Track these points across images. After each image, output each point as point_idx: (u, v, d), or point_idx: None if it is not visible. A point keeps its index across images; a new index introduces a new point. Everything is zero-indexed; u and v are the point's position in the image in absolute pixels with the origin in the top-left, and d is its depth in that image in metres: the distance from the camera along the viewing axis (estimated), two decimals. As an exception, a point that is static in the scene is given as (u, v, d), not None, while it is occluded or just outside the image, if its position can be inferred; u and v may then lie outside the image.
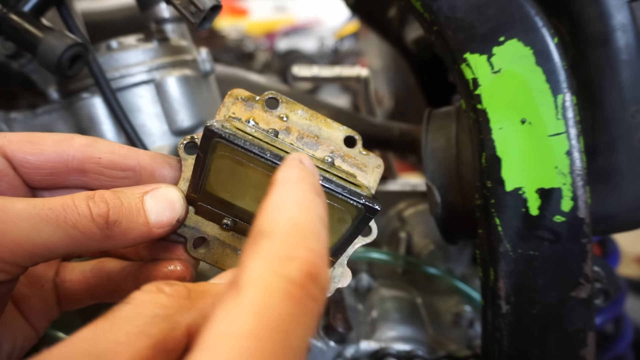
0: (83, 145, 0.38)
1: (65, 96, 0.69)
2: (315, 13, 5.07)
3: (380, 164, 0.42)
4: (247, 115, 0.41)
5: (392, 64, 2.04)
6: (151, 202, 0.36)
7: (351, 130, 0.42)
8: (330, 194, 0.35)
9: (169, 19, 0.76)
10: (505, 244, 0.49)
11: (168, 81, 0.71)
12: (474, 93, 0.48)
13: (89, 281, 0.42)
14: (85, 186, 0.40)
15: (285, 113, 0.41)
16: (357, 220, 0.37)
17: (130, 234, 0.35)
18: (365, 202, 0.35)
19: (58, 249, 0.33)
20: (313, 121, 0.42)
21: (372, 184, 0.42)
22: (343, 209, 0.36)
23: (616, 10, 0.46)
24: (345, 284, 0.42)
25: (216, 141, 0.33)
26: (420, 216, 0.98)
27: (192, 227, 0.40)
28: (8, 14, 0.56)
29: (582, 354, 0.50)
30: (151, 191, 0.37)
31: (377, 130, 1.02)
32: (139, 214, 0.35)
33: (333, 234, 0.38)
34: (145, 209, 0.36)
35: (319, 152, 0.42)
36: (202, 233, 0.40)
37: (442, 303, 0.89)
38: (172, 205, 0.37)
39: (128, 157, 0.39)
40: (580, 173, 0.47)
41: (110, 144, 0.40)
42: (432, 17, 0.48)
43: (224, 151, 0.34)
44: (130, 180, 0.40)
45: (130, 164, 0.39)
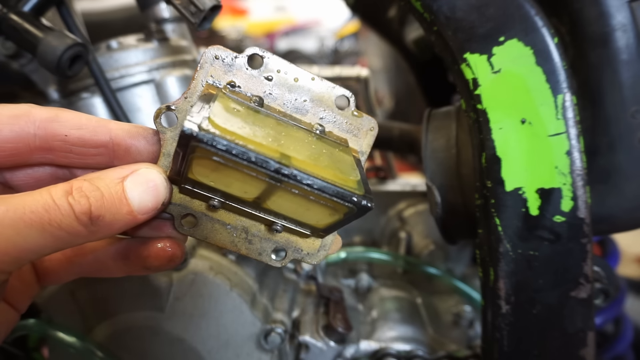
0: (44, 121, 0.35)
1: (65, 96, 0.69)
2: (315, 13, 5.07)
3: (374, 126, 0.40)
4: (228, 78, 0.38)
5: (392, 64, 2.04)
6: (132, 187, 0.34)
7: (343, 89, 0.39)
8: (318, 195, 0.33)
9: (169, 19, 0.76)
10: (505, 244, 0.49)
11: (168, 81, 0.71)
12: (474, 93, 0.48)
13: (70, 259, 0.41)
14: (51, 163, 0.37)
15: (270, 73, 0.38)
16: (350, 215, 0.35)
17: (115, 225, 0.33)
18: (357, 202, 0.33)
19: (44, 250, 0.32)
20: (302, 80, 0.39)
21: (365, 148, 0.41)
22: (334, 207, 0.34)
23: (616, 10, 0.46)
24: (335, 250, 0.41)
25: (194, 145, 0.31)
26: (420, 216, 0.98)
27: (177, 204, 0.38)
28: (8, 14, 0.56)
29: (582, 354, 0.50)
30: (131, 175, 0.34)
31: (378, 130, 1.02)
32: (122, 204, 0.33)
33: (324, 220, 0.37)
34: (127, 196, 0.34)
35: (308, 117, 0.39)
36: (189, 210, 0.38)
37: (442, 303, 0.89)
38: (155, 189, 0.35)
39: (98, 132, 0.36)
40: (580, 173, 0.47)
41: (76, 116, 0.36)
42: (432, 17, 0.48)
43: (203, 153, 0.32)
44: (103, 157, 0.37)
45: (101, 140, 0.36)
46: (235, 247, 0.40)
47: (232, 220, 0.39)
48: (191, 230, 0.39)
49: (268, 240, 0.40)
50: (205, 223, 0.39)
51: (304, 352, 0.72)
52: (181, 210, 0.38)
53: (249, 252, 0.40)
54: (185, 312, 0.68)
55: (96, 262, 0.40)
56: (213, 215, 0.39)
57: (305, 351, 0.72)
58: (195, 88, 0.37)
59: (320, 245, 0.41)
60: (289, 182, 0.32)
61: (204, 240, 0.39)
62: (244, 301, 0.69)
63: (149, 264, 0.38)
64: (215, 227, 0.39)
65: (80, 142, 0.36)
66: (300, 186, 0.32)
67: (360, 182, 0.35)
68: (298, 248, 0.41)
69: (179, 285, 0.67)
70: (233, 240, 0.40)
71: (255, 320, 0.69)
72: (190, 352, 0.69)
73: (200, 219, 0.39)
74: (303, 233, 0.39)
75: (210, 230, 0.39)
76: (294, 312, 0.78)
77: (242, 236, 0.40)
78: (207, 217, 0.39)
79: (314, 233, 0.39)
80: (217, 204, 0.37)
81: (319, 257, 0.41)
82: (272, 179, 0.32)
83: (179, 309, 0.68)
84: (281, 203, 0.36)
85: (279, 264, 0.40)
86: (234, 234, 0.39)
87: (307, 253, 0.41)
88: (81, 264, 0.41)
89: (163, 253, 0.38)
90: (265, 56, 0.38)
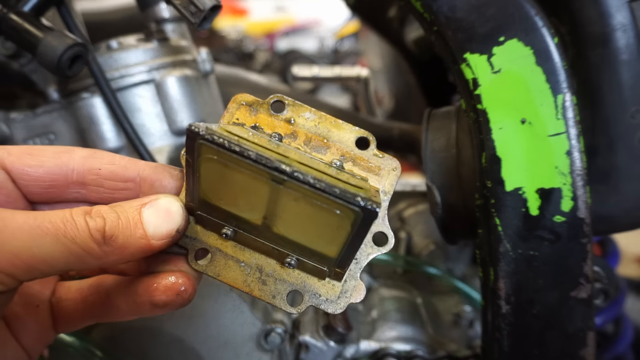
0: (83, 157, 0.38)
1: (65, 96, 0.69)
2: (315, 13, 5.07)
3: (397, 167, 0.39)
4: (252, 121, 0.39)
5: (392, 64, 2.04)
6: (149, 213, 0.35)
7: (364, 131, 0.39)
8: (321, 197, 0.31)
9: (169, 19, 0.76)
10: (505, 244, 0.49)
11: (168, 81, 0.71)
12: (474, 93, 0.48)
13: (86, 299, 0.41)
14: (84, 200, 0.39)
15: (291, 116, 0.39)
16: (357, 226, 0.32)
17: (129, 248, 0.34)
18: (362, 204, 0.30)
19: (57, 263, 0.32)
20: (322, 123, 0.39)
21: (388, 187, 0.39)
22: (339, 213, 0.32)
23: (616, 10, 0.46)
24: (359, 299, 0.39)
25: (200, 143, 0.32)
26: (420, 216, 0.98)
27: (193, 238, 0.38)
28: (8, 14, 0.56)
29: (582, 354, 0.50)
30: (149, 202, 0.35)
31: (377, 130, 1.02)
32: (137, 227, 0.34)
33: (333, 243, 0.35)
34: (143, 221, 0.34)
35: (327, 155, 0.39)
36: (204, 244, 0.38)
37: (442, 303, 0.89)
38: (170, 215, 0.36)
39: (128, 168, 0.38)
40: (580, 173, 0.47)
41: (110, 155, 0.39)
42: (432, 17, 0.48)
43: (209, 154, 0.32)
44: (131, 192, 0.39)
45: (130, 175, 0.38)
46: (248, 288, 0.38)
47: (245, 257, 0.39)
48: (204, 266, 0.38)
49: (283, 282, 0.38)
50: (218, 259, 0.39)
51: (304, 352, 0.72)
52: (195, 245, 0.38)
53: (262, 294, 0.38)
54: (184, 312, 0.68)
55: (109, 301, 0.40)
56: (227, 251, 0.39)
57: (305, 351, 0.72)
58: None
59: (341, 291, 0.38)
60: (291, 182, 0.31)
61: (216, 278, 0.39)
62: (244, 301, 0.69)
63: (157, 297, 0.38)
64: (228, 263, 0.39)
65: (111, 176, 0.38)
66: (302, 186, 0.31)
67: (369, 189, 0.34)
68: (316, 293, 0.38)
69: (179, 285, 0.67)
70: (246, 280, 0.38)
71: (255, 320, 0.69)
72: (189, 352, 0.69)
73: (214, 254, 0.39)
74: (318, 269, 0.37)
75: (224, 267, 0.39)
76: (294, 312, 0.78)
77: (255, 275, 0.38)
78: (221, 253, 0.39)
79: (330, 269, 0.37)
80: (230, 233, 0.37)
81: (339, 305, 0.38)
82: (274, 179, 0.32)
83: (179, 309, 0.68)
84: (288, 220, 0.35)
85: (295, 310, 0.38)
86: (247, 272, 0.39)
87: (325, 299, 0.38)
88: (95, 305, 0.40)
89: (172, 286, 0.37)
90: (287, 102, 0.39)
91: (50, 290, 0.41)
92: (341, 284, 0.38)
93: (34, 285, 0.40)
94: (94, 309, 0.41)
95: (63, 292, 0.41)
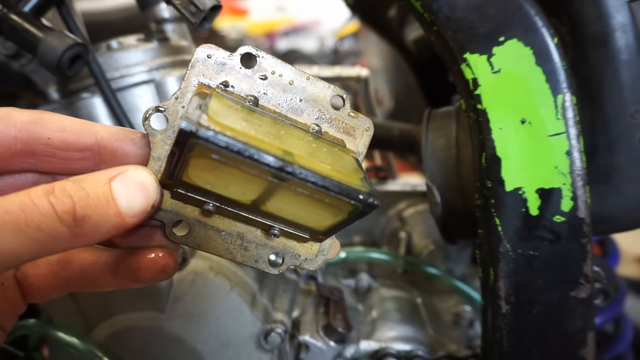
0: (26, 123, 0.33)
1: (65, 96, 0.69)
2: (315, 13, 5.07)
3: (370, 126, 0.40)
4: (221, 78, 0.36)
5: (392, 64, 2.04)
6: (120, 188, 0.31)
7: (338, 89, 0.39)
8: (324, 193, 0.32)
9: (169, 19, 0.76)
10: (505, 244, 0.49)
11: (168, 81, 0.71)
12: (474, 93, 0.48)
13: (57, 274, 0.38)
14: (34, 169, 0.35)
15: (264, 72, 0.37)
16: (354, 215, 0.34)
17: (102, 228, 0.31)
18: (364, 200, 0.32)
19: (22, 256, 0.29)
20: (297, 79, 0.38)
21: (362, 148, 0.40)
22: (340, 206, 0.34)
23: (616, 10, 0.46)
24: (334, 256, 0.40)
25: (193, 142, 0.29)
26: (420, 216, 0.98)
27: (169, 210, 0.36)
28: (8, 14, 0.56)
29: (582, 354, 0.50)
30: (118, 175, 0.32)
31: (377, 130, 1.02)
32: (109, 204, 0.31)
33: (325, 221, 0.36)
34: (115, 197, 0.31)
35: (304, 117, 0.38)
36: (181, 216, 0.36)
37: (442, 303, 0.89)
38: (144, 189, 0.32)
39: (83, 135, 0.34)
40: (580, 173, 0.47)
41: (59, 118, 0.34)
42: (432, 17, 0.48)
43: (202, 151, 0.30)
44: (89, 161, 0.35)
45: (86, 143, 0.34)
46: (231, 255, 0.38)
47: (226, 226, 0.38)
48: (183, 238, 0.37)
49: (264, 247, 0.39)
50: (198, 230, 0.37)
51: (304, 352, 0.72)
52: (172, 217, 0.36)
53: (245, 259, 0.38)
54: (185, 312, 0.68)
55: (84, 276, 0.38)
56: (206, 222, 0.37)
57: (305, 351, 0.72)
58: (187, 88, 0.36)
59: (319, 250, 0.40)
60: (293, 180, 0.31)
61: (197, 248, 0.38)
62: (244, 301, 0.69)
63: (140, 276, 0.36)
64: (208, 234, 0.37)
65: (64, 146, 0.34)
66: (304, 184, 0.31)
67: (365, 180, 0.34)
68: (296, 254, 0.39)
69: (179, 285, 0.67)
70: (228, 248, 0.38)
71: (255, 320, 0.69)
72: (190, 352, 0.69)
73: (193, 225, 0.37)
74: (301, 237, 0.38)
75: (204, 238, 0.37)
76: (294, 312, 0.78)
77: (237, 243, 0.38)
78: (201, 224, 0.37)
79: (313, 236, 0.38)
80: (212, 208, 0.35)
81: (317, 262, 0.40)
82: (276, 177, 0.31)
83: (179, 309, 0.68)
84: (281, 205, 0.35)
85: (276, 271, 0.39)
86: (229, 241, 0.38)
87: (305, 259, 0.40)
88: (68, 279, 0.38)
89: (154, 264, 0.36)
90: (259, 55, 0.37)
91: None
92: (318, 244, 0.40)
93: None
94: (68, 282, 0.38)
95: (29, 269, 0.38)
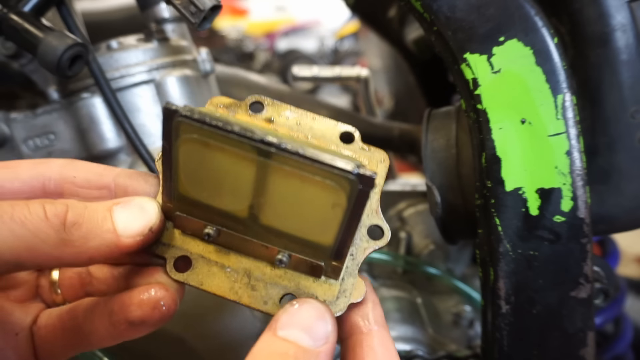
0: (60, 166, 0.36)
1: (65, 96, 0.69)
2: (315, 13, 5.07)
3: (385, 158, 0.38)
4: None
5: (392, 64, 2.04)
6: (120, 209, 0.32)
7: (347, 126, 0.37)
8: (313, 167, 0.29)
9: (169, 19, 0.76)
10: (505, 244, 0.49)
11: (168, 81, 0.71)
12: (474, 93, 0.48)
13: (65, 326, 0.38)
14: None
15: (271, 115, 0.37)
16: (354, 198, 0.29)
17: (93, 241, 0.30)
18: (356, 171, 0.28)
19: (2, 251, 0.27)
20: (303, 121, 0.37)
21: (379, 180, 0.37)
22: (334, 186, 0.29)
23: (616, 10, 0.46)
24: (360, 298, 0.35)
25: (178, 121, 0.29)
26: (420, 216, 0.98)
27: (171, 245, 0.35)
28: (8, 14, 0.56)
29: (582, 354, 0.50)
30: (122, 202, 0.33)
31: (377, 130, 1.02)
32: (105, 220, 0.31)
33: (328, 227, 0.32)
34: (112, 215, 0.31)
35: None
36: (184, 251, 0.35)
37: (442, 303, 0.89)
38: (143, 211, 0.32)
39: (103, 175, 0.37)
40: (580, 173, 0.47)
41: (87, 163, 0.37)
42: (432, 17, 0.48)
43: (188, 133, 0.29)
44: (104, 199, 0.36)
45: (105, 182, 0.37)
46: (236, 295, 0.35)
47: (232, 262, 0.35)
48: (184, 275, 0.35)
49: (274, 286, 0.35)
50: (201, 266, 0.35)
51: (304, 352, 0.72)
52: (175, 252, 0.35)
53: (252, 300, 0.35)
54: (185, 312, 0.68)
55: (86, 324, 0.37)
56: (210, 257, 0.35)
57: (305, 351, 0.72)
58: None
59: (339, 290, 0.35)
60: (280, 155, 0.29)
61: (199, 287, 0.35)
62: (244, 301, 0.69)
63: (131, 313, 0.34)
64: (212, 270, 0.35)
65: (86, 184, 0.36)
66: (291, 158, 0.29)
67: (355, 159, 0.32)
68: (312, 294, 0.35)
69: (179, 285, 0.67)
70: (233, 287, 0.35)
71: (255, 320, 0.69)
72: (190, 352, 0.69)
73: (195, 261, 0.35)
74: (313, 265, 0.34)
75: (207, 275, 0.35)
76: (294, 312, 0.77)
77: (243, 281, 0.35)
78: (204, 260, 0.35)
79: (326, 262, 0.34)
80: (213, 233, 0.34)
81: (339, 306, 0.35)
82: (261, 153, 0.29)
83: (179, 308, 0.68)
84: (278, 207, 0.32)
85: None
86: (234, 278, 0.35)
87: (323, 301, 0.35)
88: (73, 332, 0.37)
89: (147, 299, 0.34)
90: (266, 102, 0.38)
91: (32, 317, 0.38)
92: (339, 283, 0.35)
93: (14, 312, 0.37)
94: (73, 336, 0.37)
95: (44, 319, 0.38)
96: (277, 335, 0.30)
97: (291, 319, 0.31)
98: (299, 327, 0.31)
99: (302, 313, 0.31)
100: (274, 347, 0.30)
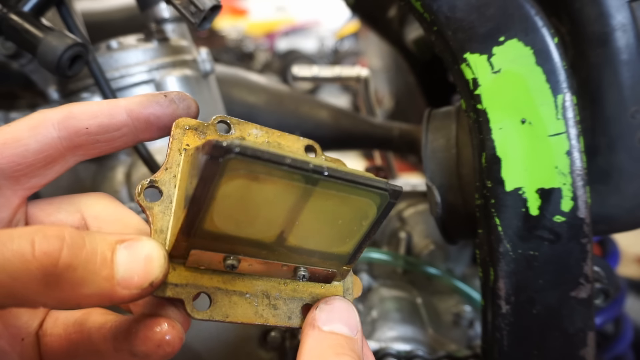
0: (61, 122, 0.33)
1: (65, 96, 0.69)
2: (315, 13, 5.07)
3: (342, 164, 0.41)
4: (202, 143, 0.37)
5: (392, 64, 2.04)
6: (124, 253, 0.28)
7: (308, 140, 0.41)
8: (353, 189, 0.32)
9: (169, 19, 0.76)
10: (505, 244, 0.49)
11: (168, 81, 0.71)
12: (474, 93, 0.48)
13: (70, 337, 0.36)
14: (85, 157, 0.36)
15: (240, 134, 0.38)
16: (381, 210, 0.34)
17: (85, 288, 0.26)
18: (388, 187, 0.33)
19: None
20: (271, 137, 0.39)
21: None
22: (368, 202, 0.34)
23: (616, 10, 0.46)
24: (359, 294, 0.40)
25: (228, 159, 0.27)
26: (420, 216, 0.98)
27: (185, 284, 0.33)
28: (8, 14, 0.56)
29: (582, 354, 0.50)
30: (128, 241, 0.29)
31: (377, 130, 1.02)
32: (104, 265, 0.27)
33: (354, 237, 0.35)
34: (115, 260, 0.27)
35: None
36: (200, 287, 0.34)
37: (442, 303, 0.89)
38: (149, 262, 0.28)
39: (114, 114, 0.34)
40: (580, 173, 0.47)
41: (87, 107, 0.34)
42: (432, 17, 0.48)
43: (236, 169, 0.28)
44: (128, 136, 0.35)
45: (120, 121, 0.35)
46: (262, 318, 0.35)
47: (248, 287, 0.35)
48: (208, 312, 0.34)
49: (293, 300, 0.37)
50: (221, 299, 0.34)
51: (304, 352, 0.72)
52: (190, 291, 0.33)
53: (278, 319, 0.36)
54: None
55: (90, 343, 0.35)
56: (227, 287, 0.35)
57: (305, 351, 0.72)
58: (174, 159, 0.36)
59: (344, 291, 0.39)
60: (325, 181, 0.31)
61: (225, 320, 0.34)
62: (244, 301, 0.69)
63: (135, 347, 0.32)
64: (233, 300, 0.35)
65: (102, 130, 0.34)
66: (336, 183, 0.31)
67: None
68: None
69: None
70: (257, 311, 0.35)
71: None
72: (190, 352, 0.69)
73: (214, 295, 0.34)
74: (327, 274, 0.37)
75: (229, 306, 0.34)
76: (294, 312, 0.78)
77: (264, 303, 0.36)
78: (222, 291, 0.34)
79: (339, 267, 0.37)
80: (235, 262, 0.33)
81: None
82: (309, 181, 0.31)
83: (179, 309, 0.68)
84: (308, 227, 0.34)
85: None
86: (256, 303, 0.35)
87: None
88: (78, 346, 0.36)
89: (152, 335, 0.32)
90: (232, 122, 0.38)
91: (38, 321, 0.36)
92: (342, 283, 0.39)
93: (21, 316, 0.36)
94: (77, 349, 0.35)
95: (50, 324, 0.36)
96: (324, 330, 0.34)
97: (331, 316, 0.35)
98: (339, 321, 0.34)
99: (337, 310, 0.35)
100: (327, 341, 0.33)
